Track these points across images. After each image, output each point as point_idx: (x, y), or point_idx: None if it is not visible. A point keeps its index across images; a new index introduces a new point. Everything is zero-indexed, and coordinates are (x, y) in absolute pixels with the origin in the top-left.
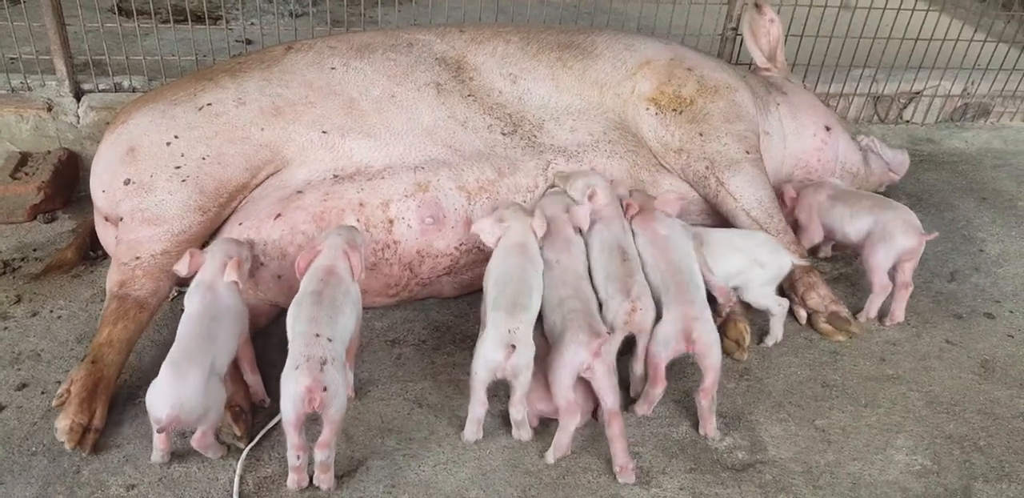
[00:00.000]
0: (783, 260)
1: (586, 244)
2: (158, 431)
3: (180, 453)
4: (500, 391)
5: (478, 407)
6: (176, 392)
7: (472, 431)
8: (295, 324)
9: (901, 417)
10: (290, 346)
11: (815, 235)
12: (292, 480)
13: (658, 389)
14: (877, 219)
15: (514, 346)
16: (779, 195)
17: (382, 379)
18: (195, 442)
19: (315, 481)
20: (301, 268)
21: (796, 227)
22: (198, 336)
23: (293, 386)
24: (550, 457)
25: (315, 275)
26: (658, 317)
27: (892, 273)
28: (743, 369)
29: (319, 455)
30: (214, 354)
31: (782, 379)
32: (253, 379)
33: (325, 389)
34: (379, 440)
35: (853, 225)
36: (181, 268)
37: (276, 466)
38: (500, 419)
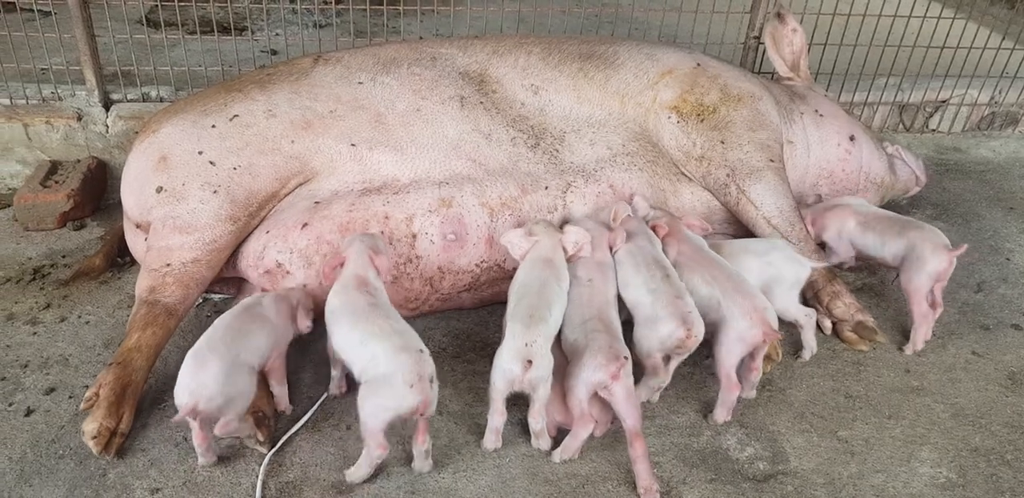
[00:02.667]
0: (801, 265)
1: (616, 264)
2: (175, 419)
3: None
4: (520, 400)
5: (497, 417)
6: (195, 382)
7: (491, 440)
8: (379, 342)
9: (926, 429)
10: (387, 361)
11: (844, 256)
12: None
13: (735, 393)
14: (908, 244)
15: (531, 361)
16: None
17: None
18: (218, 429)
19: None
20: (327, 273)
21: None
22: (228, 328)
23: (409, 402)
24: (556, 456)
25: (348, 286)
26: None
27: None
28: (765, 380)
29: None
30: (241, 348)
31: (805, 390)
32: (279, 390)
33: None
34: (400, 447)
35: (888, 251)
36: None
37: (298, 471)
38: (520, 427)
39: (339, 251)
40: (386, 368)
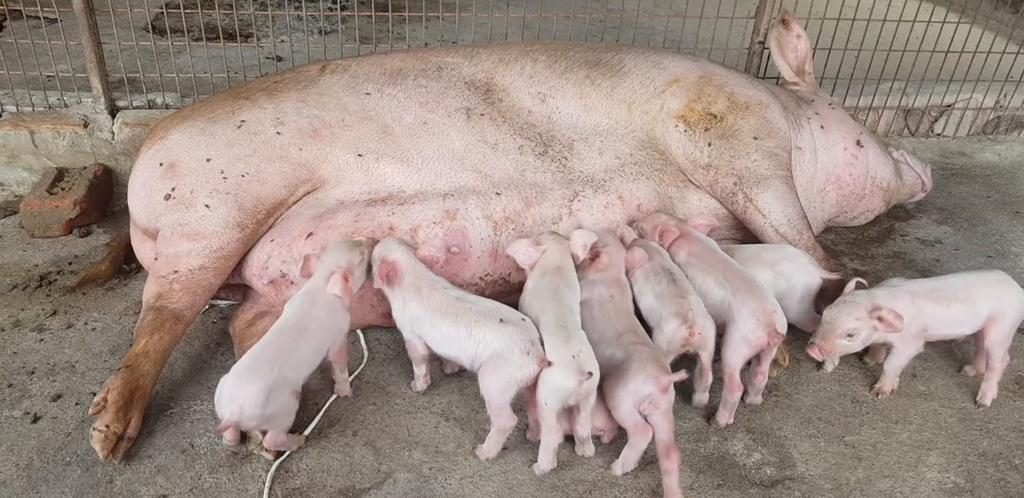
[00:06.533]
0: (810, 275)
1: (632, 279)
2: (218, 431)
3: (211, 464)
4: (522, 403)
5: (553, 436)
6: (237, 399)
7: (548, 461)
8: (482, 325)
9: (933, 434)
10: (497, 338)
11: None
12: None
13: (737, 394)
14: (989, 304)
15: (590, 373)
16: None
17: (409, 392)
18: (267, 443)
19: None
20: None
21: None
22: (273, 347)
23: (530, 368)
24: (618, 469)
25: (420, 288)
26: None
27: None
28: (772, 385)
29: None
30: (287, 366)
31: (811, 395)
32: (341, 377)
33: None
34: (406, 453)
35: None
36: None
37: (304, 478)
38: (525, 433)
39: (379, 256)
40: (498, 345)
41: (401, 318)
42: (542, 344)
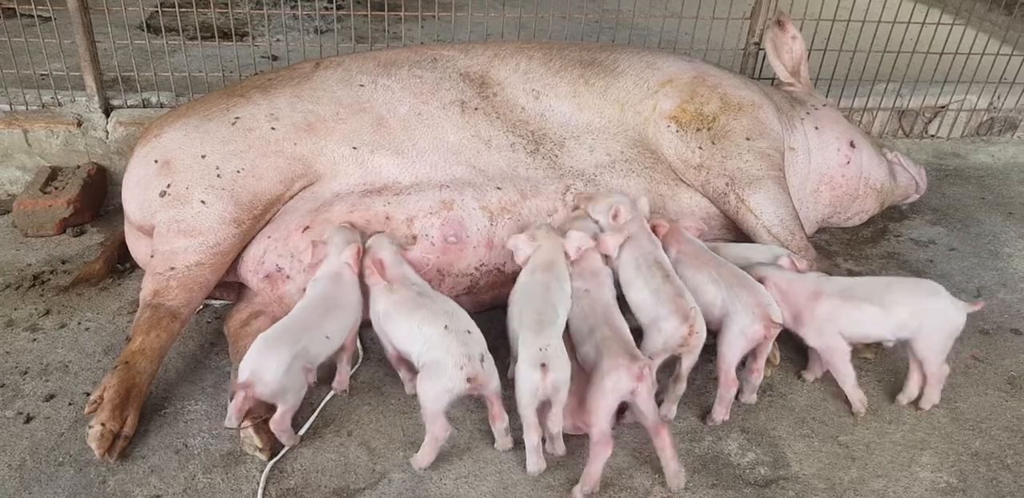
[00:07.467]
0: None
1: (617, 266)
2: (232, 391)
3: (205, 465)
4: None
5: (533, 434)
6: (256, 366)
7: (534, 462)
8: (429, 327)
9: (926, 434)
10: (437, 345)
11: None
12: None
13: (732, 390)
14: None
15: (544, 364)
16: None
17: (403, 392)
18: (272, 423)
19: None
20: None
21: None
22: (298, 323)
23: (462, 383)
24: (578, 493)
25: (391, 286)
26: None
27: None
28: (766, 384)
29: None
30: (307, 343)
31: (805, 395)
32: (345, 369)
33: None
34: (401, 453)
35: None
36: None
37: (299, 478)
38: (521, 433)
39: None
40: (437, 353)
41: (372, 315)
42: (481, 361)
